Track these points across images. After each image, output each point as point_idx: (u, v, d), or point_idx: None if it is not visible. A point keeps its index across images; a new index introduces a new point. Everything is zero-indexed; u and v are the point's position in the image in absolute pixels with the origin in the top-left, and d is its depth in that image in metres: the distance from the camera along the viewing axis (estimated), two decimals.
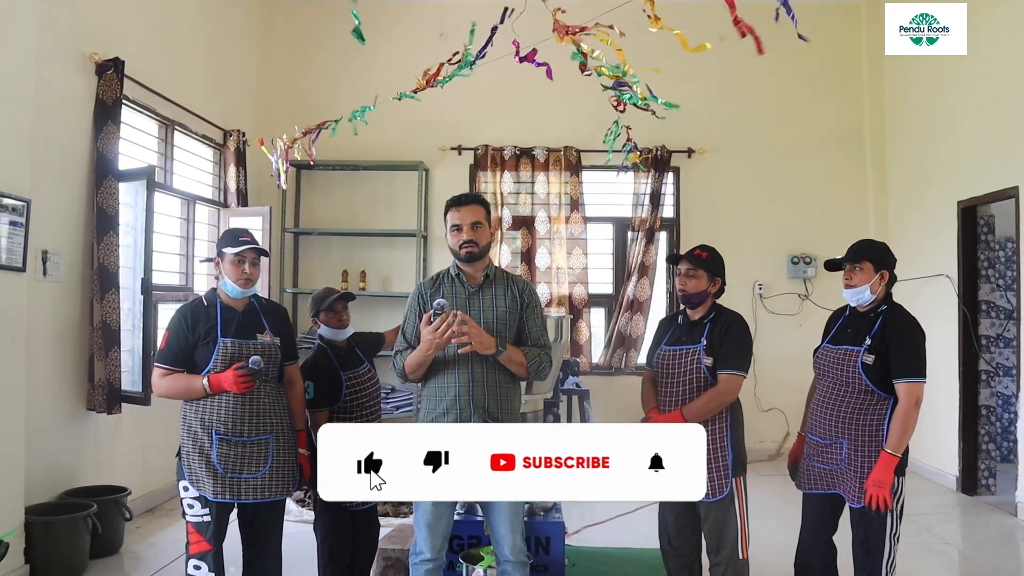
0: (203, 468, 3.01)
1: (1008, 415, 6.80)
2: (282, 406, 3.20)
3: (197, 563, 3.05)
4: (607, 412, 7.27)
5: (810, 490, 3.31)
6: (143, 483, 5.26)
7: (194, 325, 3.07)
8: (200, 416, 3.04)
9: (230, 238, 3.15)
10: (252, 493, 3.06)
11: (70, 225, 4.62)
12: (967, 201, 6.03)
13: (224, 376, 3.00)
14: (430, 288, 3.11)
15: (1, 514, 3.79)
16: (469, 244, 3.01)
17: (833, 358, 3.21)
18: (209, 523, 3.04)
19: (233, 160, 6.59)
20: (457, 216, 3.03)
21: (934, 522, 5.31)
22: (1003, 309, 6.25)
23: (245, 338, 3.10)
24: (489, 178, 7.44)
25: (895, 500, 3.05)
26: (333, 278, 7.32)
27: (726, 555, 3.22)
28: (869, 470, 3.04)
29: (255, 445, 3.07)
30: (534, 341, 3.08)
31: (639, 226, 7.35)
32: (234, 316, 3.13)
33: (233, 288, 3.12)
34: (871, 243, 3.28)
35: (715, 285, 3.32)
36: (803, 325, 7.14)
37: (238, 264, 3.10)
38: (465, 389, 2.96)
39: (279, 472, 3.13)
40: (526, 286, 3.15)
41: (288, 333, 3.33)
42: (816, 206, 7.48)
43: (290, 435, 3.21)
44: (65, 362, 4.59)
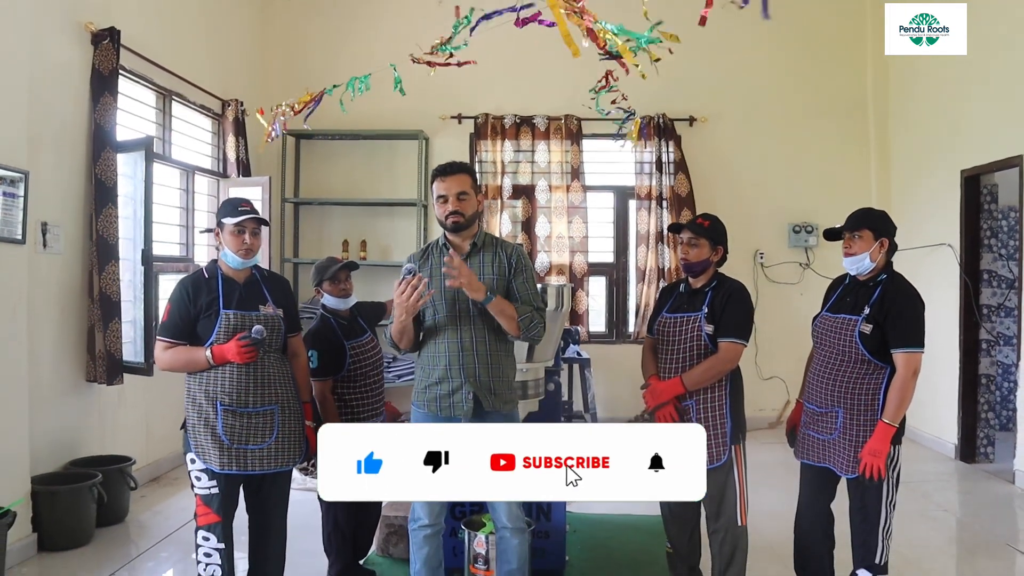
0: (209, 440, 3.01)
1: (1008, 384, 6.83)
2: (287, 377, 3.19)
3: (206, 534, 3.07)
4: (608, 380, 7.32)
5: (806, 460, 3.33)
6: (147, 453, 5.30)
7: (196, 297, 3.05)
8: (204, 388, 3.03)
9: (229, 208, 3.12)
10: (259, 464, 3.06)
11: (69, 197, 4.61)
12: (970, 170, 6.00)
13: (227, 347, 2.98)
14: (419, 259, 3.11)
15: (7, 484, 3.83)
16: (455, 215, 2.99)
17: (831, 327, 3.22)
18: (216, 495, 3.05)
19: (232, 130, 6.56)
20: (443, 186, 3.01)
21: (932, 489, 5.36)
22: (1004, 278, 6.24)
23: (248, 310, 3.08)
24: (489, 147, 7.40)
25: (891, 468, 3.07)
26: (334, 248, 7.32)
27: (725, 522, 3.25)
28: (865, 439, 3.06)
29: (261, 416, 3.07)
30: (524, 300, 3.04)
31: (646, 195, 7.32)
32: (236, 288, 3.11)
33: (234, 259, 3.09)
34: (870, 211, 3.27)
35: (717, 254, 3.31)
36: (804, 294, 7.15)
37: (238, 234, 3.07)
38: (456, 359, 2.97)
39: (285, 443, 3.13)
40: (515, 250, 3.12)
41: (291, 304, 3.31)
42: (818, 175, 7.44)
43: (296, 406, 3.21)
44: (67, 334, 4.61)
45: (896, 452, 3.09)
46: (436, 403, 2.98)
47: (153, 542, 4.26)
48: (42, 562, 3.94)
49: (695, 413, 3.22)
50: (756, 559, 3.40)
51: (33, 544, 4.01)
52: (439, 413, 2.98)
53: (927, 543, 4.33)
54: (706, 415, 3.21)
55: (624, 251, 7.67)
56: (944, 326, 6.14)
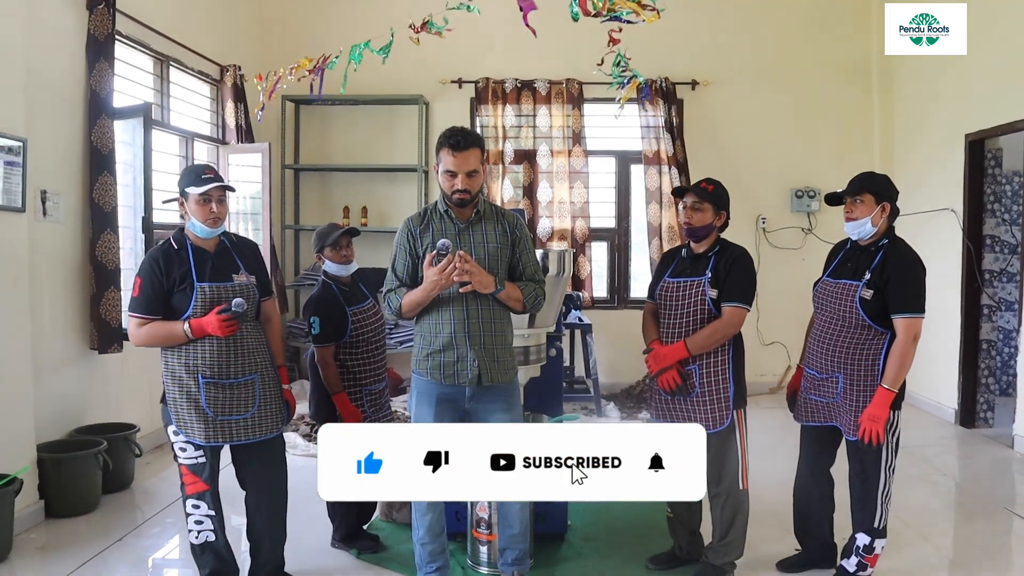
0: (192, 414, 2.99)
1: (1008, 349, 6.84)
2: (262, 344, 3.16)
3: (196, 502, 3.08)
4: (609, 346, 7.34)
5: (807, 422, 3.35)
6: (151, 420, 5.32)
7: (168, 271, 2.97)
8: (184, 361, 2.98)
9: (192, 176, 3.02)
10: (243, 434, 3.05)
11: (68, 165, 4.57)
12: (975, 134, 5.95)
13: (207, 320, 2.93)
14: (419, 225, 3.05)
15: (13, 452, 3.86)
16: (463, 193, 2.93)
17: (832, 292, 3.22)
18: (204, 464, 3.05)
19: (231, 96, 6.50)
20: (453, 162, 2.90)
21: (932, 454, 5.39)
22: (1007, 243, 6.22)
23: (222, 281, 3.02)
24: (490, 111, 7.34)
25: (891, 433, 3.09)
26: (334, 214, 7.30)
27: (726, 486, 3.27)
28: (865, 404, 3.08)
29: (242, 387, 3.04)
30: (528, 277, 3.07)
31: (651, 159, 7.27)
32: (207, 258, 3.04)
33: (202, 229, 3.01)
34: (872, 175, 3.25)
35: (720, 219, 3.30)
36: (806, 259, 7.12)
37: (204, 203, 2.98)
38: (461, 326, 2.96)
39: (267, 410, 3.11)
40: (516, 220, 3.11)
41: (262, 270, 3.24)
42: (821, 139, 7.39)
43: (273, 372, 3.19)
44: (69, 302, 4.61)
45: (896, 417, 3.10)
46: (440, 370, 2.98)
47: (159, 508, 4.30)
48: (50, 528, 3.98)
49: (698, 378, 3.23)
50: (756, 522, 3.43)
51: (41, 511, 4.04)
52: (443, 381, 2.99)
53: (926, 507, 4.37)
54: (709, 380, 3.22)
55: (626, 216, 7.64)
56: (946, 291, 6.14)
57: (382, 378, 3.72)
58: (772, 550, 3.62)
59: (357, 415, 3.52)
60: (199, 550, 3.12)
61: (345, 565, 3.57)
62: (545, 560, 3.58)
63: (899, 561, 3.57)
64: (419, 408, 3.06)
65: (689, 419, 3.26)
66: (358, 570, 3.49)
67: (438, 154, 2.96)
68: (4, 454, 3.79)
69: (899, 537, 3.78)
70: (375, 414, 3.65)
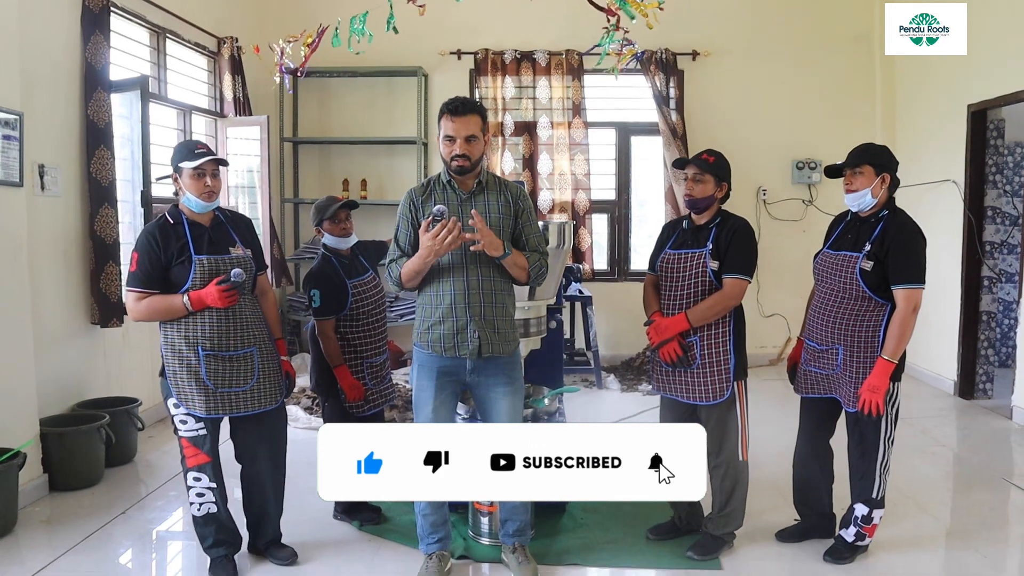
0: (193, 386, 3.00)
1: (1008, 321, 6.85)
2: (260, 317, 3.19)
3: (197, 475, 3.10)
4: (609, 318, 7.35)
5: (807, 394, 3.37)
6: (153, 394, 5.34)
7: (165, 245, 2.98)
8: (184, 334, 3.00)
9: (185, 151, 3.04)
10: (243, 406, 3.07)
11: (65, 138, 4.55)
12: (977, 104, 5.90)
13: (206, 292, 2.95)
14: (421, 195, 3.04)
15: (17, 426, 3.87)
16: (461, 158, 2.92)
17: (832, 264, 3.22)
18: (205, 436, 3.07)
19: (228, 68, 6.45)
20: (452, 127, 2.91)
21: (930, 425, 5.41)
22: (1008, 215, 6.21)
23: (218, 253, 3.05)
24: (489, 83, 7.29)
25: (890, 405, 3.10)
26: (334, 187, 7.27)
27: (726, 457, 3.29)
28: (864, 376, 3.09)
29: (242, 359, 3.06)
30: (532, 248, 3.06)
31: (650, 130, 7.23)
32: (203, 232, 3.06)
33: (197, 203, 3.02)
34: (871, 146, 3.24)
35: (722, 190, 3.29)
36: (807, 231, 7.11)
37: (199, 178, 3.00)
38: (461, 297, 2.96)
39: (266, 382, 3.14)
40: (519, 191, 3.10)
41: (256, 242, 3.28)
42: (823, 110, 7.34)
43: (271, 345, 3.21)
44: (69, 277, 4.60)
45: (895, 389, 3.11)
46: (441, 343, 2.99)
47: (162, 481, 4.33)
48: (54, 501, 4.01)
49: (699, 350, 3.24)
50: (756, 493, 3.46)
51: (45, 484, 4.07)
52: (444, 353, 3.00)
53: (924, 477, 4.40)
54: (709, 352, 3.23)
55: (626, 188, 7.61)
56: (946, 263, 6.14)
57: (383, 351, 3.73)
58: (771, 520, 3.65)
59: (358, 387, 3.53)
60: (201, 521, 3.15)
61: (347, 536, 3.60)
62: (546, 531, 3.61)
63: (897, 531, 3.60)
64: (420, 381, 3.06)
65: (690, 391, 3.27)
66: (360, 541, 3.52)
67: (439, 123, 2.96)
68: (7, 428, 3.80)
69: (897, 507, 3.81)
70: (376, 386, 3.66)
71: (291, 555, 3.30)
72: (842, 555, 3.29)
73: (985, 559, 3.39)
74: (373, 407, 3.65)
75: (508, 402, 3.06)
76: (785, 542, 3.49)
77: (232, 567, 3.17)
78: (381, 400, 3.70)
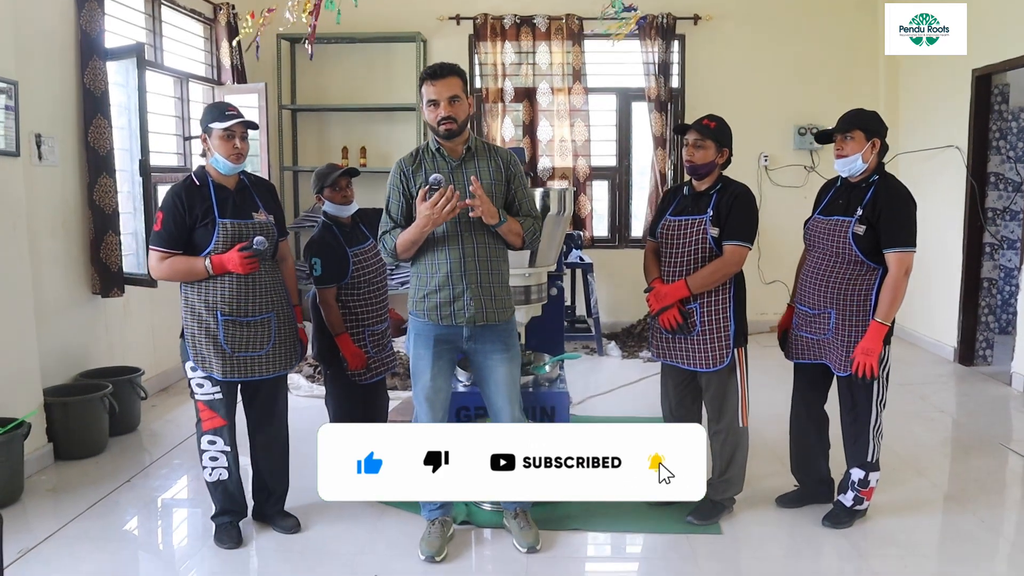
0: (211, 349, 3.05)
1: (1009, 288, 6.85)
2: (279, 283, 3.22)
3: (212, 438, 3.14)
4: (610, 285, 7.35)
5: (798, 359, 3.39)
6: (155, 363, 5.37)
7: (190, 206, 3.01)
8: (204, 298, 3.04)
9: (216, 113, 3.05)
10: (259, 370, 3.12)
11: (61, 108, 4.51)
12: (982, 69, 5.84)
13: (228, 257, 2.99)
14: (411, 165, 3.02)
15: (20, 396, 3.90)
16: (448, 121, 2.89)
17: (824, 229, 3.22)
18: (221, 399, 3.11)
19: (225, 35, 6.38)
20: (433, 90, 2.88)
21: (929, 391, 5.43)
22: (1011, 181, 6.17)
23: (242, 218, 3.07)
24: (489, 48, 7.22)
25: (882, 367, 3.12)
26: (333, 155, 7.23)
27: (726, 423, 3.31)
28: (856, 340, 3.11)
29: (259, 324, 3.10)
30: (525, 213, 3.06)
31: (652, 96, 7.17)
32: (228, 195, 3.08)
33: (225, 164, 3.04)
34: (861, 111, 3.22)
35: (723, 156, 3.27)
36: (808, 197, 6.91)
37: (228, 139, 3.02)
38: (457, 265, 2.96)
39: (282, 348, 3.18)
40: (510, 156, 3.09)
41: (279, 210, 3.30)
42: (825, 75, 7.26)
43: (289, 311, 3.24)
44: (69, 247, 4.59)
45: (887, 352, 3.13)
46: (437, 311, 2.99)
47: (166, 449, 4.36)
48: (59, 470, 4.05)
49: (699, 316, 3.24)
50: (755, 458, 3.48)
51: (50, 453, 4.10)
52: (440, 322, 3.00)
53: (923, 443, 4.42)
54: (710, 319, 3.23)
55: (627, 155, 7.57)
56: (948, 229, 6.12)
57: (384, 318, 3.73)
58: (771, 484, 3.69)
59: (360, 355, 3.55)
60: (212, 487, 3.20)
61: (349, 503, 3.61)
62: None
63: (895, 495, 3.63)
64: (417, 350, 3.07)
65: (690, 358, 3.28)
66: (361, 508, 3.55)
67: (420, 92, 2.95)
68: (11, 398, 3.82)
69: (895, 472, 3.84)
70: (378, 355, 3.67)
71: (295, 524, 3.33)
72: (841, 520, 3.33)
73: (982, 523, 3.43)
74: (375, 375, 3.66)
75: (505, 369, 3.07)
76: (785, 507, 3.52)
77: (237, 533, 3.22)
78: (383, 368, 3.71)
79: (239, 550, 3.17)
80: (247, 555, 3.18)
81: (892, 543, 3.23)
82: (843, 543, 3.22)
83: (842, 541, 3.24)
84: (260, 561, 3.17)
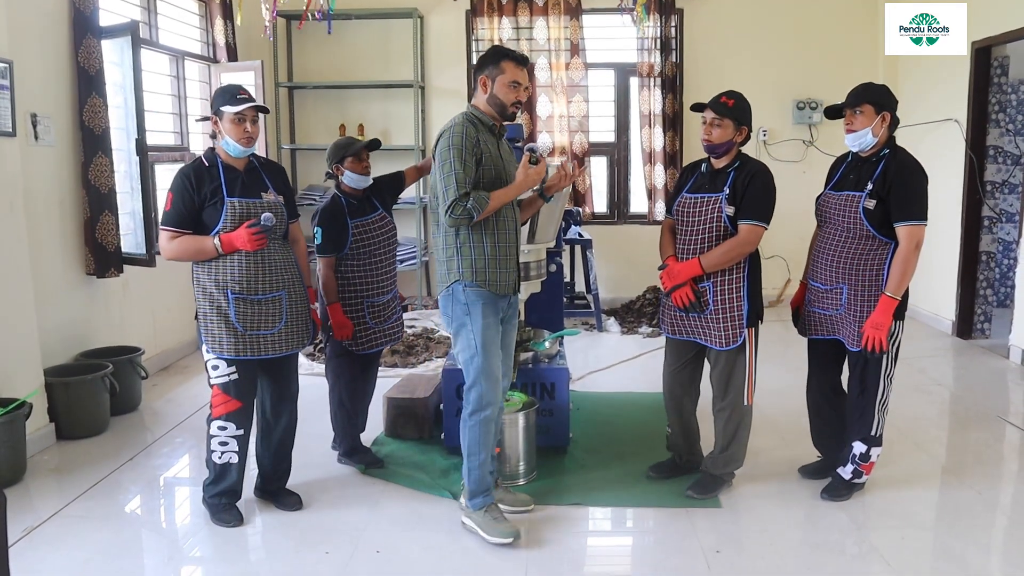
0: (223, 329, 3.06)
1: (1007, 261, 6.85)
2: (291, 263, 3.22)
3: (223, 424, 3.14)
4: (609, 261, 7.35)
5: (812, 335, 3.39)
6: (155, 343, 5.38)
7: (199, 186, 3.03)
8: (214, 277, 3.05)
9: (227, 96, 3.06)
10: (271, 348, 3.13)
11: (56, 87, 4.48)
12: (981, 41, 5.80)
13: (236, 235, 3.00)
14: (476, 133, 2.98)
15: (21, 376, 3.90)
16: (519, 105, 3.06)
17: (835, 204, 3.20)
18: (235, 380, 3.12)
19: (220, 13, 6.33)
20: (522, 75, 3.03)
21: (928, 364, 5.45)
22: (1010, 154, 6.15)
23: (251, 197, 3.09)
24: (486, 24, 7.17)
25: (891, 343, 3.12)
26: (331, 132, 7.19)
27: (731, 400, 3.31)
28: (868, 314, 3.10)
29: (270, 302, 3.11)
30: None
31: (647, 72, 7.14)
32: (237, 176, 3.10)
33: (235, 147, 3.06)
34: (870, 85, 3.20)
35: (741, 134, 3.24)
36: (807, 172, 7.06)
37: (239, 123, 3.03)
38: (515, 235, 3.11)
39: (293, 326, 3.19)
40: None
41: (289, 191, 3.32)
42: (824, 49, 7.22)
43: (301, 291, 3.25)
44: (66, 227, 4.58)
45: (898, 327, 3.13)
46: (507, 280, 3.06)
47: (167, 428, 4.38)
48: (61, 449, 4.06)
49: (712, 295, 3.22)
50: (755, 433, 3.47)
51: (51, 433, 4.11)
52: (503, 291, 3.06)
53: (920, 416, 4.44)
54: (723, 298, 3.21)
55: (625, 130, 7.54)
56: (947, 203, 6.11)
57: (388, 290, 3.72)
58: (770, 459, 3.72)
59: (347, 327, 3.56)
60: (219, 468, 3.21)
61: (351, 481, 3.64)
62: (548, 472, 3.66)
63: (893, 469, 3.65)
64: (486, 320, 3.00)
65: (702, 336, 3.27)
66: (363, 485, 3.57)
67: (498, 65, 3.01)
68: (12, 378, 3.83)
69: (893, 445, 3.86)
70: (378, 326, 3.67)
71: (296, 503, 3.35)
72: (839, 493, 3.34)
73: (979, 496, 3.45)
74: (373, 346, 3.67)
75: (512, 336, 3.25)
76: (808, 478, 3.54)
77: (237, 511, 3.24)
78: (383, 339, 3.71)
79: (241, 528, 3.19)
80: (250, 532, 3.20)
81: (890, 516, 3.25)
82: (841, 516, 3.24)
83: (840, 514, 3.26)
84: (263, 538, 3.19)
